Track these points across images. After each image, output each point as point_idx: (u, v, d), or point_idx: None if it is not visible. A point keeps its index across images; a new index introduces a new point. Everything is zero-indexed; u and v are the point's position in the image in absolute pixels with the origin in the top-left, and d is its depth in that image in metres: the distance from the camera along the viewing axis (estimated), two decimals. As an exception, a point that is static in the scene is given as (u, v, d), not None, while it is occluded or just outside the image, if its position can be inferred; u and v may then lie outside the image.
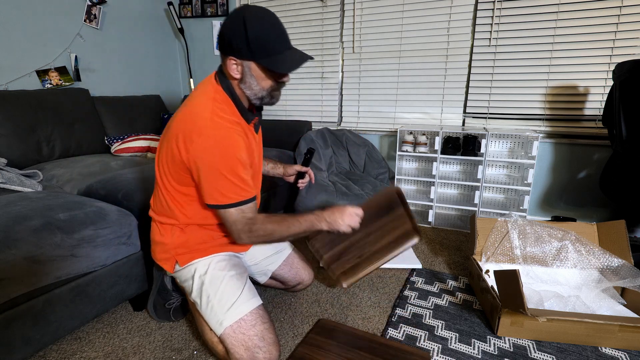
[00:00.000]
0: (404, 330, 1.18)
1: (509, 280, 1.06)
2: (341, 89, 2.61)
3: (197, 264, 1.02)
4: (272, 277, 1.29)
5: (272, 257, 1.26)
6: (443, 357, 1.07)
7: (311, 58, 0.94)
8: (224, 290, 0.97)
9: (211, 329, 0.96)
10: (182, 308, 1.26)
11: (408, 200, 2.21)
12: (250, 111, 1.02)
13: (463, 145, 2.07)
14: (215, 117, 0.90)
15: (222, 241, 1.07)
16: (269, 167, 1.38)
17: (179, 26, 2.82)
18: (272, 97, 0.98)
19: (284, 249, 1.30)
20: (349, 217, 1.05)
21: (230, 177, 0.89)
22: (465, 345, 1.11)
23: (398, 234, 1.18)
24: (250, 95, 0.95)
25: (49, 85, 2.10)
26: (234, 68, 0.91)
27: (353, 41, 2.47)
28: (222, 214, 0.94)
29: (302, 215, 1.02)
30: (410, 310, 1.30)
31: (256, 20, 0.86)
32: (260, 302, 1.00)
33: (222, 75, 0.95)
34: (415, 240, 1.15)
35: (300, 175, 1.35)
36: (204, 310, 0.97)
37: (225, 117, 0.91)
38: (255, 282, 1.27)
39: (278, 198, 2.13)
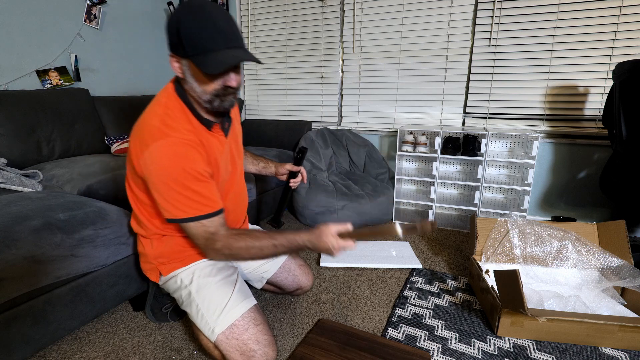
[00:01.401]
0: (404, 330, 1.18)
1: (509, 280, 1.06)
2: (341, 89, 2.61)
3: (180, 274, 1.01)
4: (268, 283, 1.28)
5: (267, 265, 1.24)
6: (443, 357, 1.07)
7: (253, 60, 0.83)
8: (211, 297, 0.95)
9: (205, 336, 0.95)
10: (179, 310, 1.26)
11: (408, 200, 2.22)
12: (218, 114, 0.94)
13: (463, 145, 2.07)
14: (162, 126, 0.83)
15: None
16: (260, 166, 1.36)
17: (179, 26, 2.81)
18: (222, 101, 0.87)
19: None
20: (335, 241, 0.88)
21: (182, 191, 0.83)
22: (465, 345, 1.11)
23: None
24: (197, 98, 0.87)
25: (49, 85, 2.10)
26: (176, 66, 0.85)
27: (353, 41, 2.47)
28: (183, 228, 0.90)
29: (281, 236, 0.91)
30: (410, 310, 1.30)
31: (191, 13, 0.78)
32: (253, 303, 0.98)
33: (178, 78, 0.89)
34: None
35: (293, 174, 1.32)
36: (195, 319, 0.96)
37: (174, 125, 0.85)
38: (251, 287, 1.26)
39: (272, 197, 2.13)
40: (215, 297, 0.95)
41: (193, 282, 0.98)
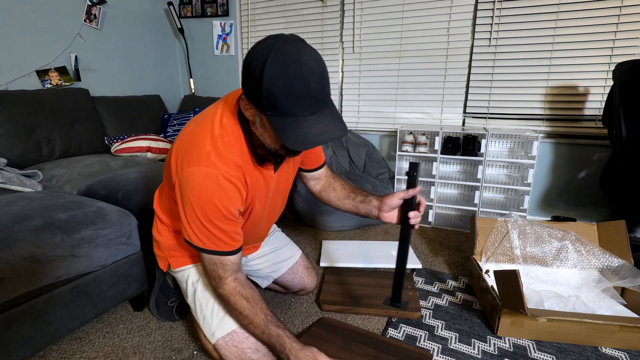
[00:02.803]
0: (404, 330, 1.18)
1: (509, 280, 1.06)
2: (341, 89, 2.61)
3: (189, 269, 1.01)
4: (274, 282, 1.28)
5: (276, 265, 1.24)
6: (443, 357, 1.07)
7: (339, 136, 0.72)
8: (215, 301, 0.95)
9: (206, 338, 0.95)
10: (183, 308, 1.26)
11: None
12: (272, 154, 0.84)
13: (463, 145, 2.07)
14: (212, 153, 0.78)
15: None
16: (357, 201, 1.09)
17: (179, 26, 2.82)
18: (287, 153, 0.81)
19: (291, 257, 1.28)
20: None
21: (206, 224, 0.80)
22: (465, 345, 1.11)
23: None
24: (263, 142, 0.80)
25: (49, 85, 2.10)
26: (247, 109, 0.76)
27: (353, 41, 2.47)
28: (199, 256, 0.87)
29: (274, 329, 0.85)
30: (410, 310, 1.30)
31: (282, 66, 0.66)
32: None
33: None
34: None
35: (408, 204, 0.98)
36: (198, 318, 0.96)
37: (224, 155, 0.79)
38: (255, 284, 1.26)
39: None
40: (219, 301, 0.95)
41: (200, 280, 0.99)
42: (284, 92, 0.67)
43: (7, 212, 1.02)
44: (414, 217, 0.97)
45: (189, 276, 1.01)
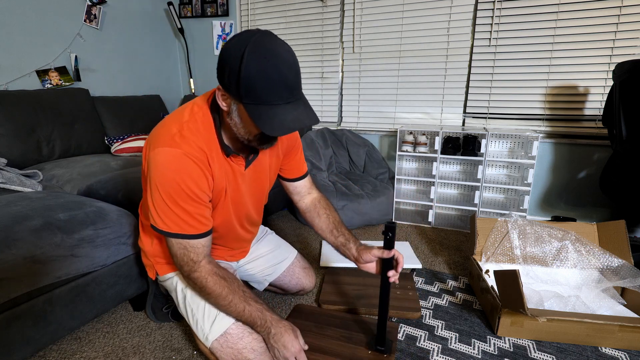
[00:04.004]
0: (404, 330, 1.18)
1: (509, 280, 1.06)
2: (341, 89, 2.61)
3: (176, 276, 1.00)
4: (271, 284, 1.27)
5: (272, 268, 1.24)
6: (443, 357, 1.07)
7: (312, 123, 0.76)
8: (205, 304, 0.94)
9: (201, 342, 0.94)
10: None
11: (408, 200, 2.22)
12: (244, 146, 0.87)
13: (463, 145, 2.07)
14: (177, 135, 0.80)
15: None
16: (339, 241, 1.08)
17: (179, 26, 2.82)
18: (261, 143, 0.83)
19: (286, 259, 1.27)
20: (294, 349, 0.88)
21: (171, 205, 0.80)
22: (465, 345, 1.11)
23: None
24: (236, 133, 0.82)
25: (49, 85, 2.10)
26: (222, 99, 0.79)
27: (353, 41, 2.47)
28: (165, 240, 0.86)
29: (254, 307, 0.88)
30: (410, 310, 1.30)
31: (259, 58, 0.69)
32: None
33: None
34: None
35: (387, 263, 0.96)
36: (191, 323, 0.96)
37: (189, 138, 0.80)
38: (252, 288, 1.26)
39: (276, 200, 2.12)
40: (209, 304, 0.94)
41: (188, 287, 0.98)
42: (262, 81, 0.70)
43: (7, 212, 1.02)
44: (392, 276, 0.96)
45: (177, 283, 1.00)
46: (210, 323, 0.92)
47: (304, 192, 1.16)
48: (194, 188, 0.81)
